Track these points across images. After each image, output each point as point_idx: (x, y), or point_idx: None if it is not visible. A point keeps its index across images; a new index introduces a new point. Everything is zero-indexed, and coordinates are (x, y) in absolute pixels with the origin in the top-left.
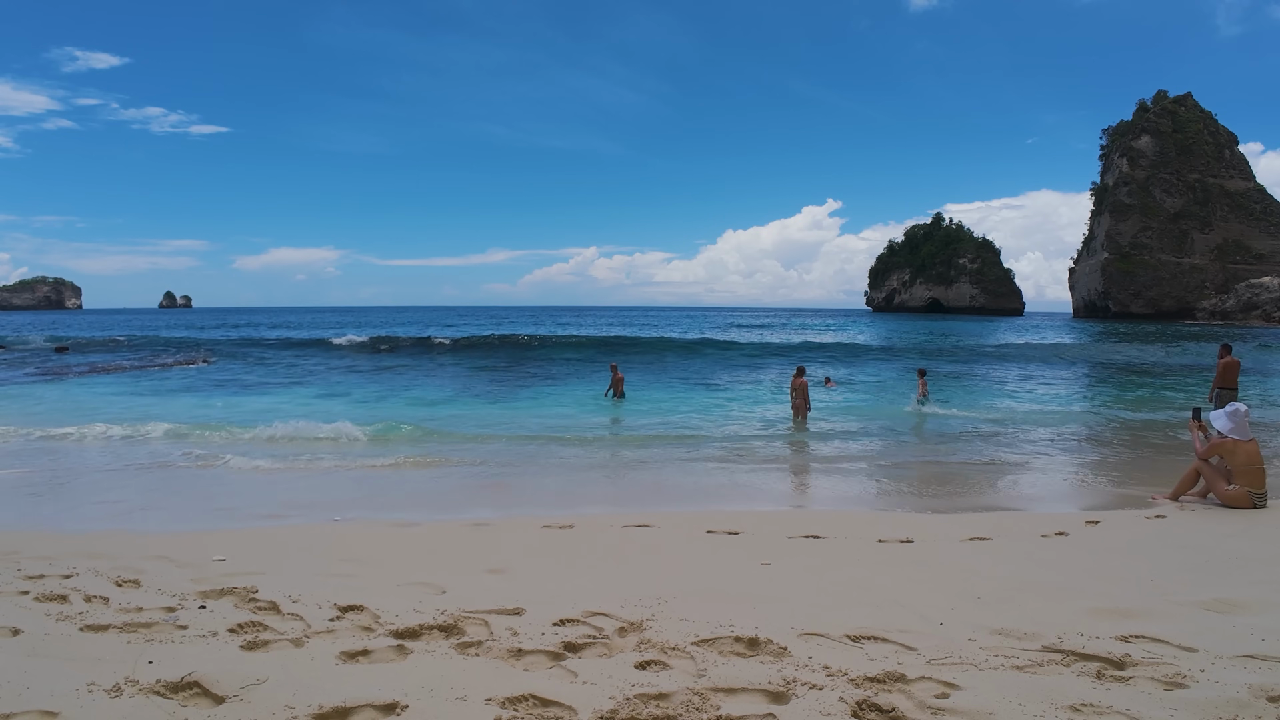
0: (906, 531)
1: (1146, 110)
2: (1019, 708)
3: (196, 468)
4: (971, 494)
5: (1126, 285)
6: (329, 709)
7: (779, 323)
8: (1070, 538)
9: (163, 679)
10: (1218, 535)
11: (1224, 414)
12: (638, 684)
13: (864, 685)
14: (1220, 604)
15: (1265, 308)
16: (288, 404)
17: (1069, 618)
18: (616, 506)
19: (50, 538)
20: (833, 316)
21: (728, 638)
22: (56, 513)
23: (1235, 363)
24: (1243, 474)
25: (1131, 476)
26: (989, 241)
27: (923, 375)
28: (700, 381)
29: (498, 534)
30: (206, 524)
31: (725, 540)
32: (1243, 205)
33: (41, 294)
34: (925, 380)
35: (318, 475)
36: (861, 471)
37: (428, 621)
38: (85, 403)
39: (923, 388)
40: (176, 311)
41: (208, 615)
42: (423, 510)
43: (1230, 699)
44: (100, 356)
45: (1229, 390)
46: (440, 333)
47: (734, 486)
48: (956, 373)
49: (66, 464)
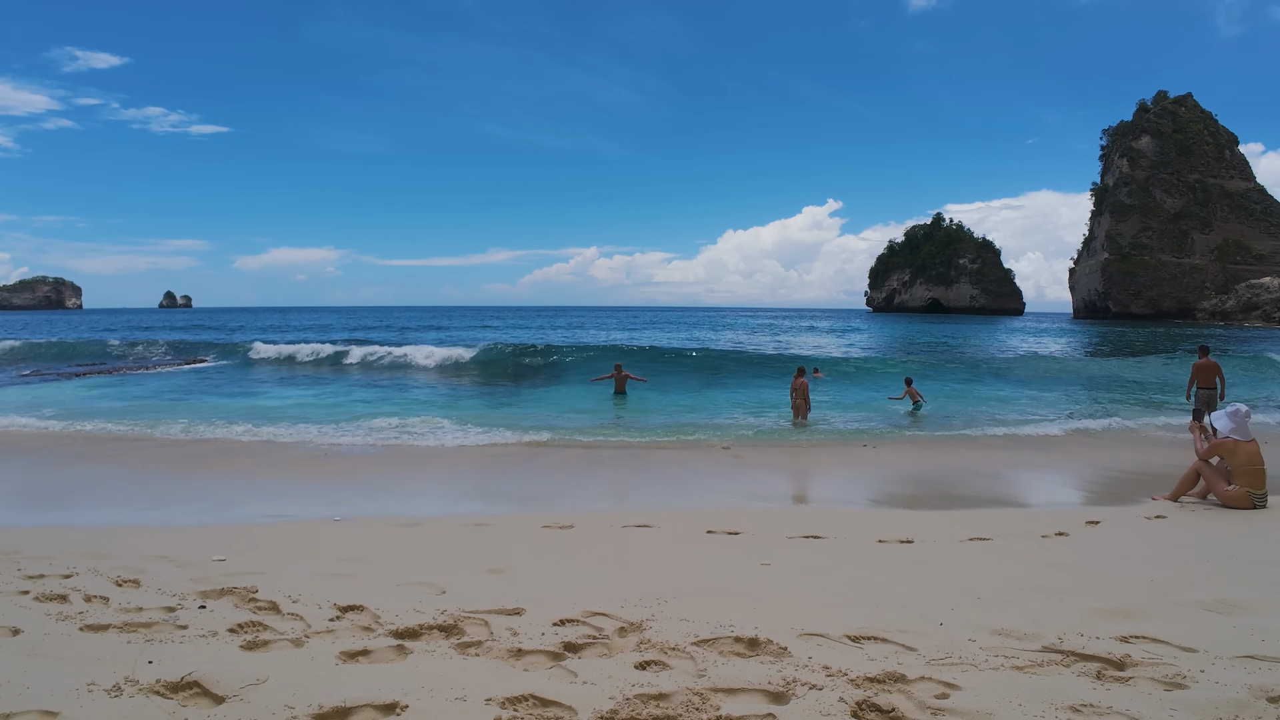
0: (906, 531)
1: (1147, 110)
2: (1019, 708)
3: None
4: (971, 494)
5: (1127, 285)
6: (329, 709)
7: (782, 324)
8: (1070, 538)
9: (163, 679)
10: (1218, 536)
11: (1225, 414)
12: (638, 684)
13: (864, 685)
14: (1220, 604)
15: (1265, 308)
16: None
17: (1069, 618)
18: (616, 506)
19: (52, 537)
20: (832, 317)
21: (728, 638)
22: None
23: (1212, 364)
24: (1243, 474)
25: (1132, 477)
26: (989, 242)
27: (910, 383)
28: (702, 382)
29: (498, 534)
30: (208, 522)
31: (725, 540)
32: (1243, 206)
33: (42, 294)
34: (913, 387)
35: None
36: (862, 471)
37: (428, 621)
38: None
39: (914, 395)
40: (183, 311)
41: (208, 615)
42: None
43: (1230, 699)
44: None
45: (1207, 390)
46: (483, 337)
47: (734, 486)
48: (956, 393)
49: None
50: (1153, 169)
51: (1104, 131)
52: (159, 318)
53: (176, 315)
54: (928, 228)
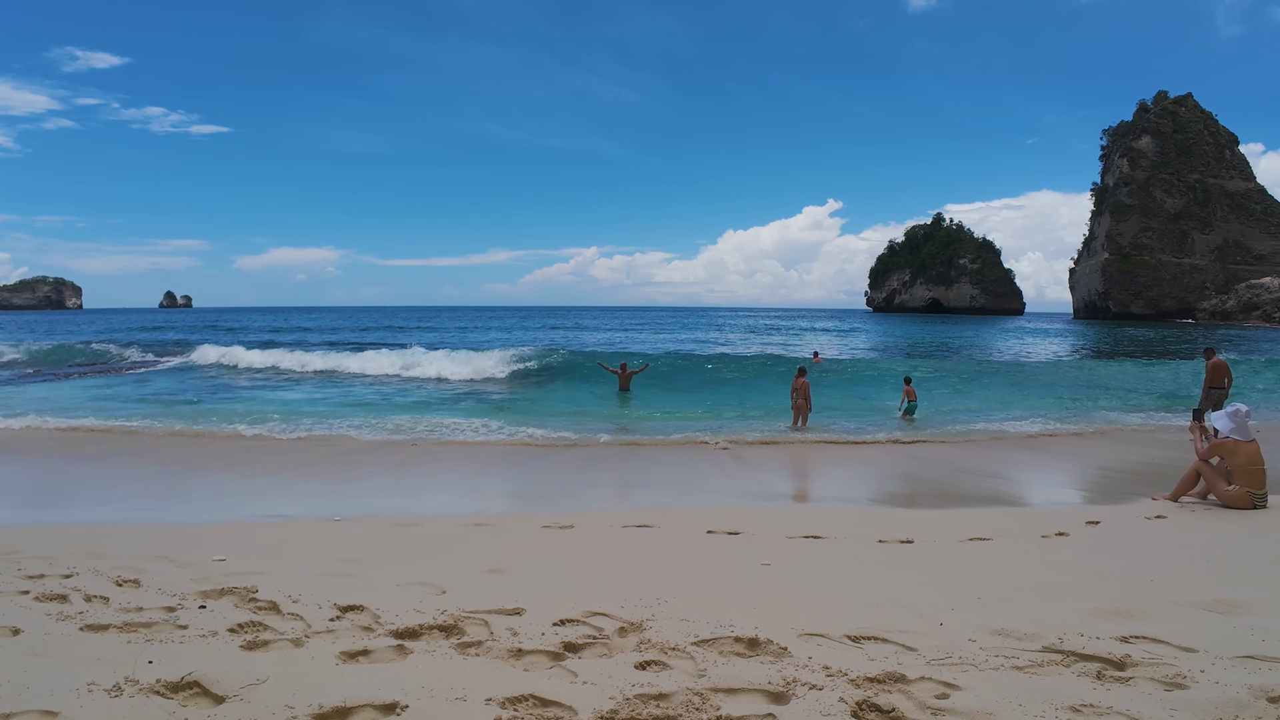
0: (906, 531)
1: (1147, 111)
2: (1019, 708)
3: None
4: (971, 494)
5: (1127, 285)
6: (329, 709)
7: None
8: (1070, 538)
9: (163, 679)
10: (1218, 536)
11: (1225, 414)
12: (638, 684)
13: (864, 685)
14: (1220, 604)
15: (1265, 308)
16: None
17: (1069, 618)
18: (617, 506)
19: (52, 536)
20: (833, 317)
21: (728, 638)
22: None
23: (1223, 364)
24: (1243, 474)
25: (1132, 477)
26: (989, 242)
27: (909, 382)
28: (702, 382)
29: (498, 533)
30: (209, 521)
31: (725, 540)
32: (1243, 206)
33: (42, 294)
34: (910, 386)
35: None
36: (862, 471)
37: (428, 621)
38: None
39: (910, 394)
40: (183, 311)
41: (208, 615)
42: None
43: (1230, 699)
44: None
45: (1218, 390)
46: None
47: (734, 486)
48: (959, 390)
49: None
50: (1153, 169)
51: (1104, 131)
52: (159, 318)
53: (175, 315)
54: (928, 228)
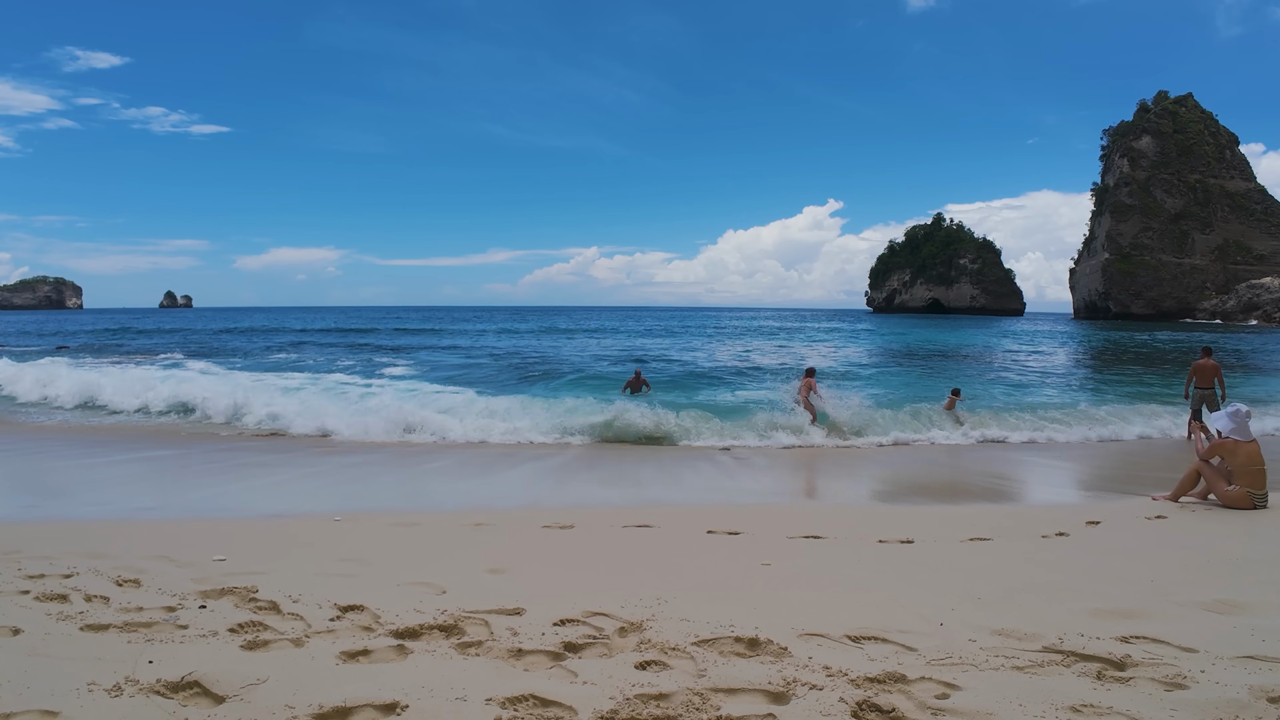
0: (906, 531)
1: (1147, 111)
2: (1019, 708)
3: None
4: (971, 494)
5: (1127, 286)
6: (329, 709)
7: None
8: (1070, 538)
9: (163, 679)
10: (1218, 536)
11: (1225, 414)
12: (638, 684)
13: (864, 685)
14: (1221, 605)
15: (1266, 308)
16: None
17: (1069, 618)
18: (617, 505)
19: (52, 535)
20: (833, 318)
21: (728, 638)
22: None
23: (1212, 365)
24: (1243, 475)
25: (1132, 477)
26: (989, 242)
27: (957, 394)
28: (703, 381)
29: (498, 533)
30: (208, 520)
31: (725, 540)
32: (1243, 206)
33: (42, 294)
34: (958, 396)
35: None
36: (862, 471)
37: (428, 621)
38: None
39: (954, 399)
40: (183, 311)
41: (208, 615)
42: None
43: (1230, 700)
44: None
45: (1204, 390)
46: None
47: (734, 486)
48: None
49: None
50: (1153, 169)
51: (1104, 131)
52: (159, 318)
53: (175, 315)
54: (928, 228)
